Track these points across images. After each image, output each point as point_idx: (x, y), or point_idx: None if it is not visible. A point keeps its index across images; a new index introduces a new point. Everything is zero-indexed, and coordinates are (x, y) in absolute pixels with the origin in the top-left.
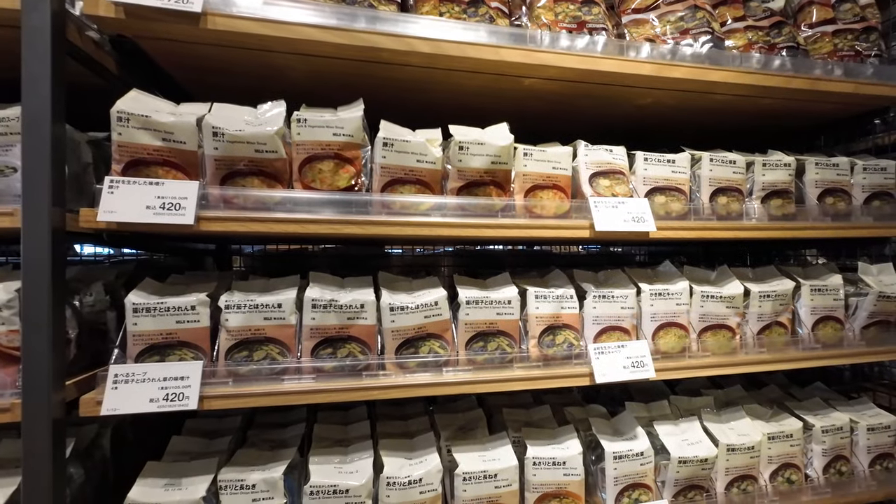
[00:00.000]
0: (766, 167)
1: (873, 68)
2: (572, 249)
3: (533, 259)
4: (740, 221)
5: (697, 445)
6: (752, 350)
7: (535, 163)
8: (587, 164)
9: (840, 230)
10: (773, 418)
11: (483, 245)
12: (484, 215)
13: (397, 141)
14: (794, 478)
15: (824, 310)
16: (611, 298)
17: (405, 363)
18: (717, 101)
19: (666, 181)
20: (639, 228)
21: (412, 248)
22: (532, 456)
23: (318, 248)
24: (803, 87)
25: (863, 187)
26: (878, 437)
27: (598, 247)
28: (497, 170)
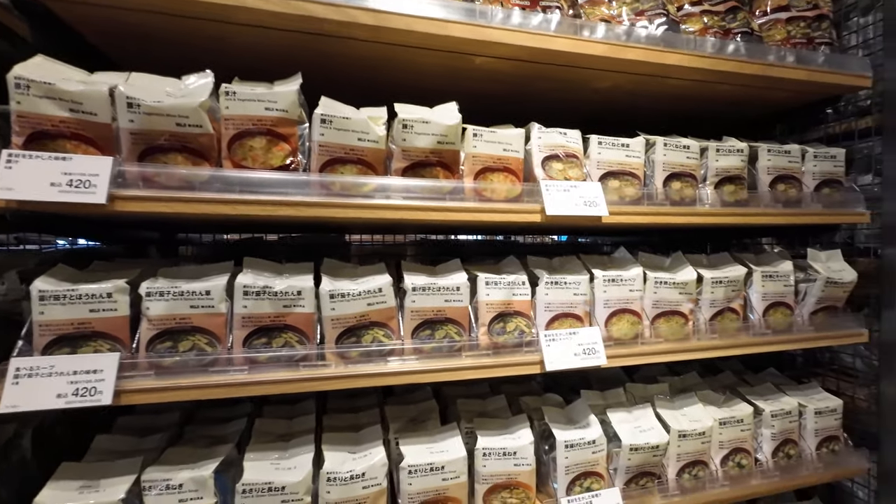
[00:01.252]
0: (719, 153)
1: (825, 56)
2: (546, 239)
3: (504, 249)
4: (693, 207)
5: (649, 432)
6: (704, 336)
7: (486, 144)
8: (540, 146)
9: (790, 217)
10: (726, 404)
11: (437, 232)
12: (431, 197)
13: (336, 118)
14: (744, 462)
15: (775, 296)
16: (563, 285)
17: (346, 353)
18: (674, 87)
19: (620, 166)
20: (591, 213)
21: (379, 238)
22: (482, 447)
23: (279, 237)
24: (757, 73)
25: (813, 174)
26: (825, 420)
27: (566, 237)
28: (444, 150)
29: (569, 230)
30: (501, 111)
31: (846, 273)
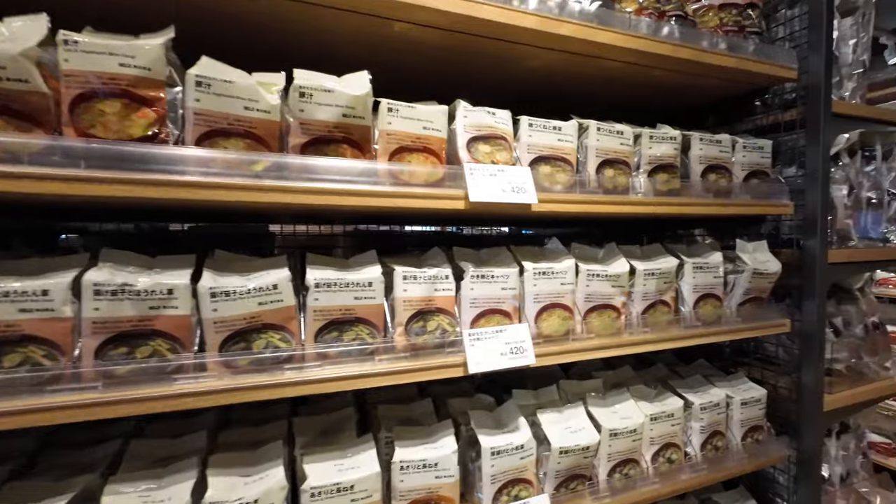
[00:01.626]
0: (653, 140)
1: (755, 45)
2: (505, 230)
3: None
4: (626, 196)
5: (580, 433)
6: (636, 330)
7: (403, 121)
8: (466, 126)
9: (721, 207)
10: (657, 398)
11: (377, 220)
12: (336, 179)
13: (217, 81)
14: (674, 457)
15: (705, 287)
16: (491, 278)
17: (233, 362)
18: (608, 70)
19: (552, 150)
20: (519, 200)
21: (316, 228)
22: (399, 459)
23: (198, 225)
24: (691, 59)
25: (742, 165)
26: (750, 410)
27: (531, 230)
28: (352, 125)
29: (495, 219)
30: (429, 90)
31: (771, 264)
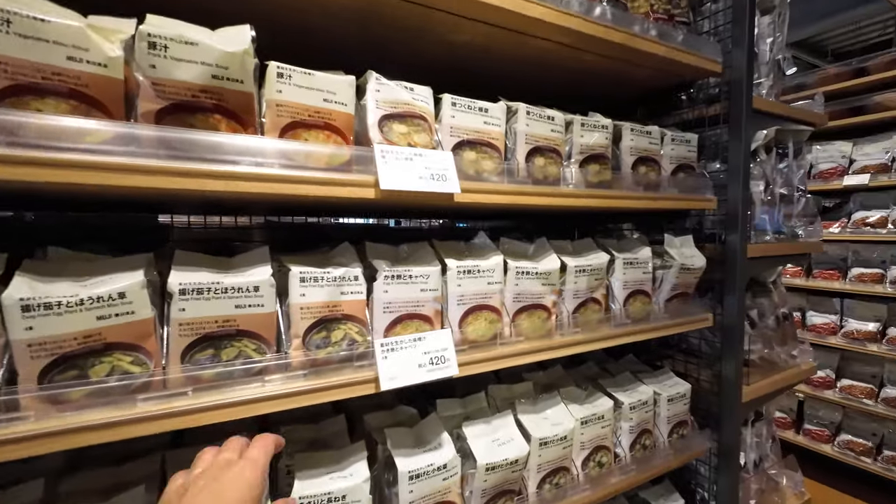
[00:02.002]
0: (584, 127)
1: (683, 35)
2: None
3: (393, 234)
4: (558, 187)
5: (508, 445)
6: (567, 331)
7: (298, 90)
8: (378, 102)
9: (652, 201)
10: (588, 399)
11: (301, 212)
12: (204, 158)
13: (22, 18)
14: (604, 460)
15: (635, 284)
16: (408, 279)
17: (61, 396)
18: (539, 50)
19: (477, 134)
20: (440, 189)
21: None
22: (300, 495)
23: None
24: (623, 43)
25: (671, 158)
26: (676, 406)
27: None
28: (225, 90)
29: (410, 210)
30: (347, 66)
31: (697, 259)
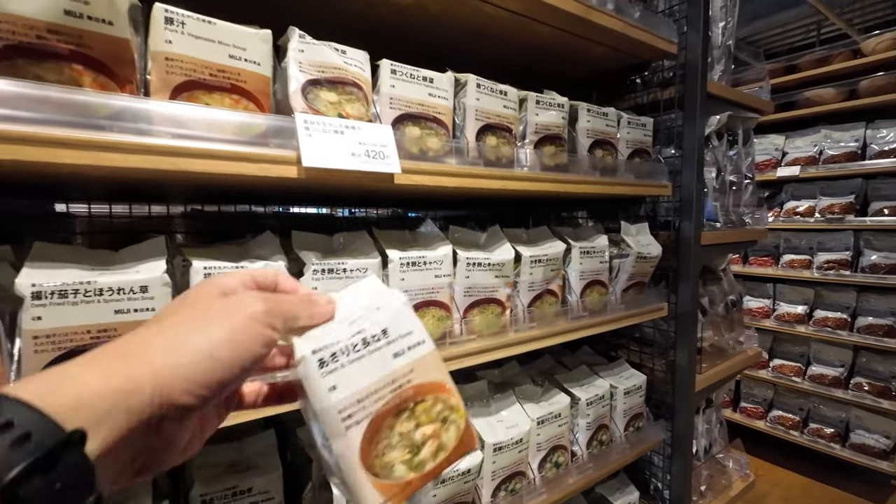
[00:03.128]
0: (539, 105)
1: (640, 12)
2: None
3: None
4: (511, 170)
5: None
6: (523, 326)
7: (194, 42)
8: (303, 64)
9: (609, 186)
10: (544, 397)
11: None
12: (58, 122)
13: None
14: (560, 460)
15: (592, 274)
16: (342, 273)
17: None
18: (491, 19)
19: (421, 107)
20: (377, 168)
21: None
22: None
23: None
24: (577, 13)
25: (627, 143)
26: (632, 399)
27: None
28: (86, 32)
29: (345, 196)
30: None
31: (653, 247)
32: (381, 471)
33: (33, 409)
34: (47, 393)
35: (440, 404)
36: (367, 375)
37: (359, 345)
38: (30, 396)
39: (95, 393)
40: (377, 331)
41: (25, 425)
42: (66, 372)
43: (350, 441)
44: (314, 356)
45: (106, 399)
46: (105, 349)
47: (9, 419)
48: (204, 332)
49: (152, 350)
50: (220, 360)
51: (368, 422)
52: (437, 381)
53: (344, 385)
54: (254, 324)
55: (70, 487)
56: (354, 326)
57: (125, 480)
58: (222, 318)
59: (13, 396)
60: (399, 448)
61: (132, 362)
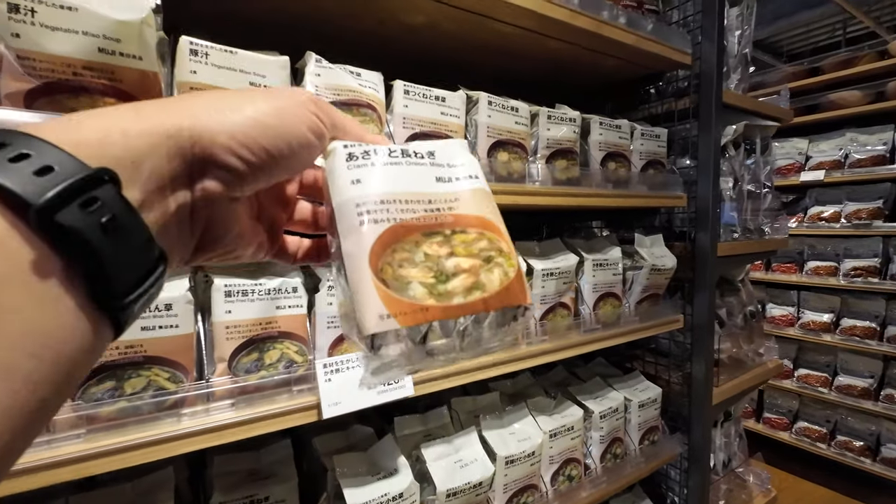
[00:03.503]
0: (551, 120)
1: (653, 24)
2: None
3: None
4: (523, 184)
5: (471, 467)
6: (535, 339)
7: (216, 71)
8: (318, 88)
9: (621, 199)
10: (557, 409)
11: None
12: None
13: None
14: (574, 473)
15: (605, 286)
16: None
17: None
18: (503, 36)
19: (434, 125)
20: None
21: None
22: None
23: None
24: (589, 29)
25: (640, 154)
26: (647, 411)
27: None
28: (118, 67)
29: None
30: (282, 47)
31: (668, 259)
32: (393, 282)
33: (51, 145)
34: (63, 133)
35: (485, 241)
36: (400, 183)
37: (398, 153)
38: (42, 136)
39: (125, 130)
40: (423, 150)
41: (47, 159)
42: (83, 115)
43: (362, 237)
44: (344, 150)
45: (139, 139)
46: (128, 104)
47: (24, 151)
48: (252, 103)
49: (193, 104)
50: (266, 125)
51: (389, 226)
52: (486, 217)
53: (369, 182)
54: (302, 108)
55: (121, 229)
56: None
57: (178, 255)
58: (270, 96)
59: (26, 133)
60: (422, 268)
61: (167, 109)
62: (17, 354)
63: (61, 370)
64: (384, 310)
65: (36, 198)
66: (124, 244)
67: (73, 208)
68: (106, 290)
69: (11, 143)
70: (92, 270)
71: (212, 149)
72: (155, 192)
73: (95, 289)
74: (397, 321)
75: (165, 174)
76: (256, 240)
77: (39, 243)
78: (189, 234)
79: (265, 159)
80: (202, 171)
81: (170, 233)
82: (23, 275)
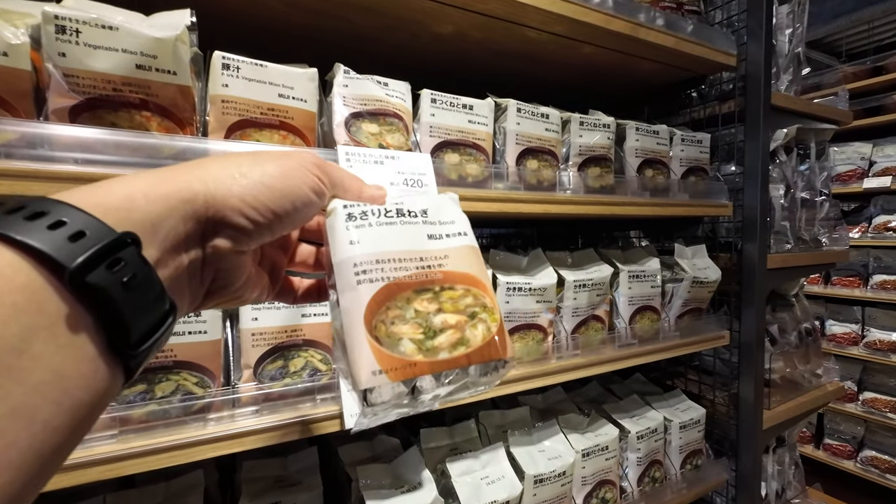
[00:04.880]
0: (583, 126)
1: (693, 26)
2: None
3: None
4: (553, 193)
5: (498, 484)
6: (566, 354)
7: (248, 84)
8: (346, 98)
9: (660, 207)
10: (590, 427)
11: None
12: (129, 164)
13: None
14: (608, 496)
15: (642, 299)
16: None
17: None
18: (533, 43)
19: (461, 134)
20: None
21: None
22: None
23: None
24: (625, 33)
25: (681, 161)
26: (689, 433)
27: None
28: (154, 82)
29: None
30: (309, 57)
31: (711, 271)
32: (385, 339)
33: (83, 212)
34: (93, 198)
35: (471, 297)
36: (394, 242)
37: (392, 213)
38: (75, 202)
39: (147, 195)
40: (416, 208)
41: (79, 225)
42: (112, 182)
43: (359, 296)
44: (344, 210)
45: (158, 203)
46: (151, 170)
47: (60, 219)
48: (260, 166)
49: (206, 170)
50: (273, 188)
51: (383, 284)
52: (472, 274)
53: (366, 242)
54: (305, 170)
55: (140, 286)
56: (394, 202)
57: (189, 302)
58: (275, 158)
59: (61, 201)
60: (412, 324)
61: (184, 176)
62: (41, 400)
63: (77, 415)
64: (376, 366)
65: (70, 261)
66: (141, 298)
67: (100, 270)
68: (123, 340)
69: (50, 212)
70: (112, 322)
71: (223, 211)
72: (170, 251)
73: (114, 338)
74: (388, 377)
75: (181, 235)
76: (261, 284)
77: (70, 299)
78: (199, 284)
79: (271, 218)
80: (214, 230)
81: (182, 284)
82: (52, 327)
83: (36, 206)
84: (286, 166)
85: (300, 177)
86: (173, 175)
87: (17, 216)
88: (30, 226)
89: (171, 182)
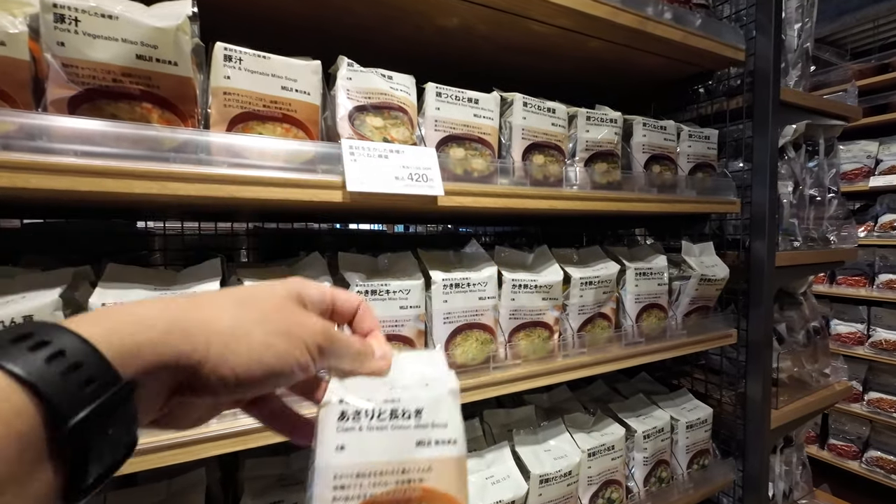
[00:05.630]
0: (590, 121)
1: (701, 19)
2: None
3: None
4: (559, 189)
5: (503, 484)
6: (572, 352)
7: (250, 76)
8: (350, 91)
9: (667, 204)
10: (596, 426)
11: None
12: (130, 156)
13: None
14: (614, 496)
15: (649, 297)
16: (385, 295)
17: None
18: (539, 37)
19: (466, 128)
20: (420, 191)
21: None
22: None
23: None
24: (632, 26)
25: (688, 157)
26: (696, 433)
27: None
28: (154, 73)
29: (391, 216)
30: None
31: (719, 269)
32: None
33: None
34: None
35: None
36: (380, 452)
37: (386, 415)
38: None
39: (154, 342)
40: (411, 408)
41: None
42: (137, 314)
43: None
44: (339, 406)
45: (162, 356)
46: (176, 301)
47: (60, 348)
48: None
49: (211, 326)
50: (265, 364)
51: (358, 503)
52: (453, 496)
53: (352, 450)
54: (303, 349)
55: (118, 435)
56: (393, 393)
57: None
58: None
59: (74, 331)
60: None
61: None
62: None
63: None
64: None
65: (71, 413)
66: (114, 447)
67: (92, 422)
68: (80, 485)
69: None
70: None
71: (209, 378)
72: (149, 401)
73: (72, 484)
74: None
75: (164, 388)
76: (210, 416)
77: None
78: (152, 415)
79: (251, 386)
80: (192, 387)
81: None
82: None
83: (44, 336)
84: (291, 343)
85: (295, 354)
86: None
87: (21, 346)
88: (32, 358)
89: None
